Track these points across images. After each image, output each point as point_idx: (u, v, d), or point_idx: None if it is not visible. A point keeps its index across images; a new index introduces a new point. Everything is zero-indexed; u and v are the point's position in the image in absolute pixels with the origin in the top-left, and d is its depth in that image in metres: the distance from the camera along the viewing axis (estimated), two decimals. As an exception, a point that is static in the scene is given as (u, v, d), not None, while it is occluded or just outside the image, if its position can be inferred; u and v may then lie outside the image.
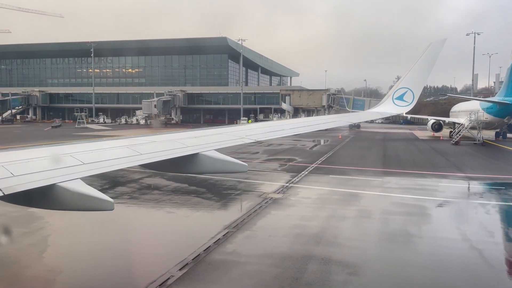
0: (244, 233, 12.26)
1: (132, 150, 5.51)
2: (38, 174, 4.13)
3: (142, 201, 16.93)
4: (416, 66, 10.37)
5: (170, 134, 7.11)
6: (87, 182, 4.33)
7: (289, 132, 8.34)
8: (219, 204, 16.53)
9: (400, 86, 10.61)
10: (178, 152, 5.62)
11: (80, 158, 4.78)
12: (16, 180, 3.89)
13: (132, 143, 5.97)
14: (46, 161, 4.58)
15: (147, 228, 13.33)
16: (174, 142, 6.19)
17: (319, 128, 9.67)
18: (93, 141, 6.31)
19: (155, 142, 6.39)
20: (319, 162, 28.62)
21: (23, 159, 4.61)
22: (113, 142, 6.20)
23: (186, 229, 13.16)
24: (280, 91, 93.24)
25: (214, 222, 13.70)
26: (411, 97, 10.40)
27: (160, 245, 11.57)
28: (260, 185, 20.42)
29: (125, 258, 10.79)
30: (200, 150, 5.79)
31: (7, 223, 13.09)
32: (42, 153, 5.04)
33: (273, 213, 14.68)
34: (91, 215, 13.76)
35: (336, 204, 16.08)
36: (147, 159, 5.30)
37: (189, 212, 15.15)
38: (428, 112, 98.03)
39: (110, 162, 4.94)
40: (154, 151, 5.69)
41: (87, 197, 4.05)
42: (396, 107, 10.66)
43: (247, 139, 7.06)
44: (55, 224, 13.13)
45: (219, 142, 6.48)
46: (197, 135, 7.04)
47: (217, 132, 7.57)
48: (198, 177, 22.33)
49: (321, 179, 21.97)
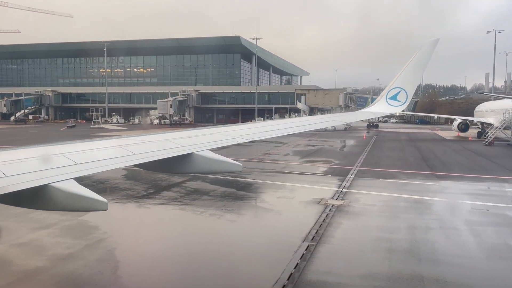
0: (326, 247, 11.06)
1: (126, 150, 5.44)
2: (31, 174, 4.08)
3: (196, 206, 15.74)
4: (409, 66, 10.31)
5: (164, 134, 6.97)
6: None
7: (284, 132, 8.21)
8: (282, 212, 15.29)
9: (393, 86, 10.57)
10: (172, 152, 5.57)
11: (73, 158, 4.71)
12: (8, 181, 3.82)
13: (126, 143, 5.87)
14: (38, 161, 4.50)
15: (223, 238, 12.07)
16: (168, 142, 6.10)
17: (313, 128, 9.70)
18: (86, 141, 6.14)
19: (149, 142, 6.27)
20: (358, 164, 27.32)
21: (16, 159, 4.55)
22: (106, 142, 6.09)
23: (261, 242, 11.90)
24: (295, 91, 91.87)
25: (286, 233, 12.51)
26: (404, 97, 10.40)
27: (246, 260, 10.40)
28: (311, 190, 19.21)
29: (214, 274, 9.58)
30: (194, 150, 5.75)
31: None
32: (35, 153, 4.89)
33: (346, 223, 13.44)
34: (160, 223, 12.68)
35: (408, 213, 14.79)
36: (141, 159, 5.24)
37: (254, 221, 13.98)
38: (444, 112, 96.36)
39: (103, 162, 4.89)
40: (147, 151, 5.61)
41: (80, 197, 3.99)
42: (389, 106, 10.64)
43: (241, 139, 6.96)
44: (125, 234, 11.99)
45: (213, 142, 6.40)
46: (191, 135, 7.02)
47: (211, 132, 7.49)
48: (242, 181, 21.17)
49: (373, 184, 20.67)
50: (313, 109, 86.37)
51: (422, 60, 10.23)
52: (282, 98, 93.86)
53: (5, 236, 11.89)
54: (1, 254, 10.64)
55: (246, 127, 8.38)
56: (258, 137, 7.43)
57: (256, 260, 10.45)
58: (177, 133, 6.99)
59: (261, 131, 7.88)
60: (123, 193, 18.07)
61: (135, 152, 5.38)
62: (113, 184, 19.83)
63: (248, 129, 8.08)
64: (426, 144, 43.96)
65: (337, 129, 68.56)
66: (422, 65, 10.25)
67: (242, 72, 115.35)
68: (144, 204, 16.15)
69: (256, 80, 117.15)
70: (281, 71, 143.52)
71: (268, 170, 24.72)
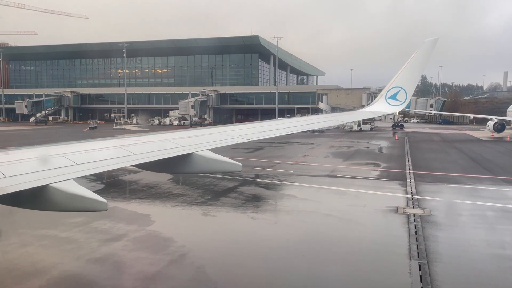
0: (441, 266, 9.78)
1: (125, 150, 5.41)
2: (31, 175, 4.07)
3: (264, 214, 14.57)
4: (408, 66, 10.24)
5: (163, 134, 6.93)
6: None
7: (283, 131, 8.22)
8: (363, 223, 14.00)
9: (392, 85, 10.52)
10: (172, 152, 5.55)
11: (73, 159, 4.69)
12: (8, 181, 3.82)
13: (125, 143, 5.82)
14: (38, 162, 4.50)
15: (321, 254, 10.84)
16: (168, 142, 6.08)
17: (312, 128, 9.59)
18: (86, 142, 6.06)
19: (149, 142, 6.26)
20: (409, 167, 25.91)
21: (15, 160, 4.55)
22: (105, 142, 6.05)
23: (362, 258, 10.60)
24: (316, 90, 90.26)
25: (385, 249, 11.28)
26: (404, 96, 10.36)
27: (363, 277, 9.17)
28: (378, 197, 17.94)
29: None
30: (194, 150, 5.73)
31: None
32: (35, 153, 4.90)
33: (443, 236, 12.15)
34: (237, 235, 11.31)
35: (504, 224, 13.46)
36: (141, 159, 5.23)
37: (340, 233, 12.72)
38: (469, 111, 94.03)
39: (103, 162, 4.88)
40: (147, 151, 5.59)
41: (80, 198, 3.98)
42: (389, 106, 10.60)
43: (241, 139, 6.93)
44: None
45: (213, 142, 6.38)
46: (191, 135, 7.02)
47: (211, 132, 7.47)
48: (297, 185, 19.97)
49: (440, 189, 19.29)
50: (335, 109, 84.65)
51: (421, 60, 10.14)
52: (302, 98, 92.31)
53: (77, 250, 10.89)
54: (82, 273, 9.61)
55: (246, 127, 8.23)
56: (257, 137, 7.33)
57: (371, 279, 9.20)
58: (176, 133, 6.91)
59: (260, 131, 7.80)
60: (179, 199, 17.01)
61: (134, 152, 5.34)
62: (164, 189, 18.80)
63: (247, 129, 7.94)
64: (465, 145, 42.24)
65: (363, 129, 67.22)
66: (421, 64, 10.20)
67: (260, 72, 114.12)
68: (208, 212, 15.04)
69: (274, 80, 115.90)
70: (297, 71, 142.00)
71: (319, 175, 23.47)
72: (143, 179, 20.72)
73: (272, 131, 7.99)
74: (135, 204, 16.08)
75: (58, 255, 10.61)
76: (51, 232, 12.27)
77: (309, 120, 10.76)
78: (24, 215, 13.78)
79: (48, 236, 11.93)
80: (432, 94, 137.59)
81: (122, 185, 20.07)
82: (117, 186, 20.02)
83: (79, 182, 4.18)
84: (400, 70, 10.45)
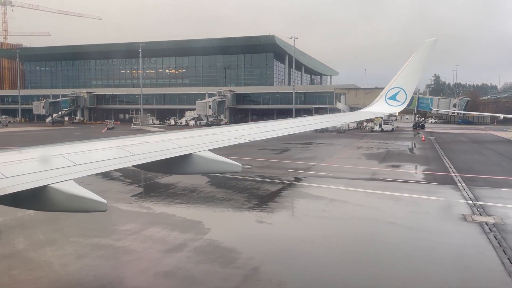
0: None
1: (125, 150, 5.41)
2: (30, 176, 4.05)
3: (320, 221, 13.63)
4: (408, 66, 10.14)
5: (163, 135, 6.94)
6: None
7: (283, 132, 8.16)
8: (434, 232, 12.98)
9: (392, 86, 10.45)
10: (171, 153, 5.54)
11: (73, 159, 4.66)
12: (7, 182, 3.80)
13: (125, 143, 5.82)
14: (38, 162, 4.48)
15: (406, 272, 9.89)
16: (167, 143, 6.05)
17: (312, 128, 9.61)
18: (86, 142, 5.99)
19: (148, 143, 6.22)
20: (453, 170, 24.71)
21: (15, 160, 4.58)
22: (105, 143, 6.06)
23: (455, 278, 9.63)
24: (334, 90, 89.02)
25: (477, 265, 10.26)
26: (403, 97, 10.31)
27: None
28: (437, 203, 16.93)
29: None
30: (194, 150, 5.72)
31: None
32: (34, 154, 4.83)
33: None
34: (300, 244, 10.37)
35: None
36: (140, 159, 5.21)
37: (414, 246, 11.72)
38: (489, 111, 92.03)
39: (103, 163, 4.84)
40: (147, 151, 5.58)
41: (80, 198, 3.96)
42: (389, 106, 10.55)
43: (241, 139, 6.88)
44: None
45: (213, 142, 6.35)
46: (190, 136, 6.99)
47: (211, 132, 7.44)
48: (346, 190, 18.99)
49: (499, 194, 18.15)
50: (353, 108, 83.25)
51: (421, 60, 10.04)
52: (318, 98, 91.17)
53: (139, 262, 10.05)
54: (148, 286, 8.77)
55: (246, 127, 8.19)
56: (257, 137, 7.29)
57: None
58: (176, 134, 6.86)
59: (260, 131, 7.79)
60: (226, 204, 16.18)
61: (134, 153, 5.33)
62: (206, 193, 17.97)
63: (247, 129, 7.91)
64: (498, 146, 40.85)
65: (385, 130, 65.96)
66: (421, 65, 10.13)
67: (275, 72, 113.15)
68: (262, 218, 14.15)
69: (288, 80, 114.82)
70: (311, 71, 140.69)
71: (360, 178, 22.44)
72: (180, 182, 19.92)
73: (272, 132, 7.94)
74: (182, 209, 15.26)
75: (120, 268, 9.80)
76: (105, 241, 11.47)
77: (309, 120, 10.61)
78: (72, 222, 13.07)
79: (103, 245, 11.13)
80: (445, 93, 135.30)
81: (161, 188, 19.27)
82: (156, 189, 19.23)
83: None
84: (400, 70, 10.37)
